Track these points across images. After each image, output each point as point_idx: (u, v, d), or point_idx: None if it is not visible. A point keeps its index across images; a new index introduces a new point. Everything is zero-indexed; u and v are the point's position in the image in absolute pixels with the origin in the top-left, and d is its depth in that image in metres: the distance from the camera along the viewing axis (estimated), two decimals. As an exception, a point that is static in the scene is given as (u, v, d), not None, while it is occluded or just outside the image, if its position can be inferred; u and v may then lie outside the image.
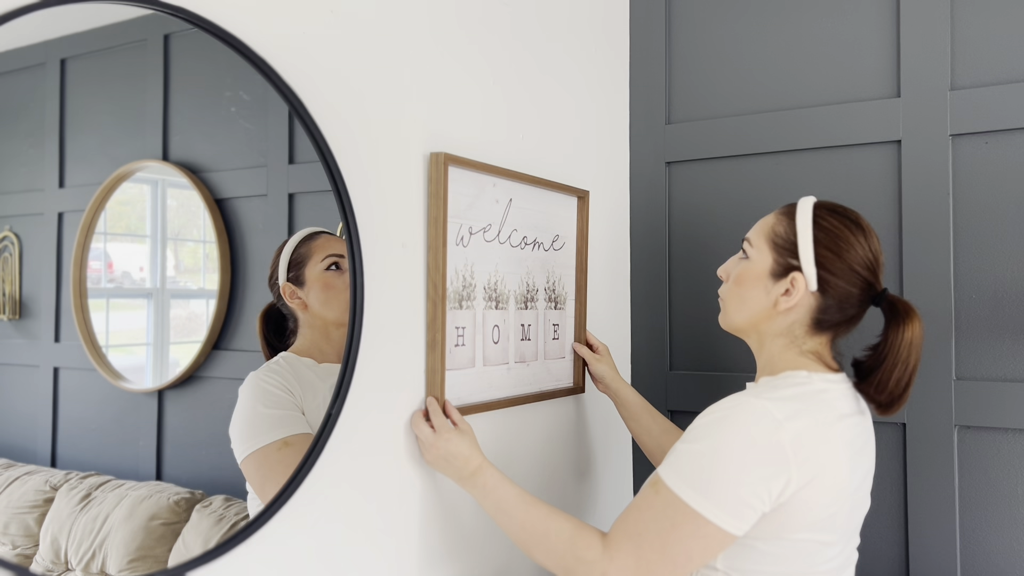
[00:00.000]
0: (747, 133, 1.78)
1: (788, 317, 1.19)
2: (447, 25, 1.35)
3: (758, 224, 1.26)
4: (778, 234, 1.20)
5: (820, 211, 1.19)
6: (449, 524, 1.34)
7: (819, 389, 1.14)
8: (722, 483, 1.05)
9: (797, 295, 1.17)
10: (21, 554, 0.90)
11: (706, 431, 1.09)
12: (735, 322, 1.26)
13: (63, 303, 0.93)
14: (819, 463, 1.07)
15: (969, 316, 1.58)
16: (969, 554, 1.58)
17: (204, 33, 0.96)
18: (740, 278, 1.23)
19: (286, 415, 1.04)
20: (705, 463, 1.06)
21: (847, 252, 1.16)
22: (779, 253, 1.19)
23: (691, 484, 1.06)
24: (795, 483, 1.05)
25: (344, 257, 1.12)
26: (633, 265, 1.92)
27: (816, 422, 1.09)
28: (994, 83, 1.57)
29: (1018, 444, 1.54)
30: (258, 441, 1.02)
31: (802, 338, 1.19)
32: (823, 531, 1.10)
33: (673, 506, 1.06)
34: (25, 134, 0.90)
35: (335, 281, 1.11)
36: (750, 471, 1.05)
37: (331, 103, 1.13)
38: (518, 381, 1.50)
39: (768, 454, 1.05)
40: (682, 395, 1.85)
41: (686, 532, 1.05)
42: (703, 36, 1.85)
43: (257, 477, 1.02)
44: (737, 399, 1.11)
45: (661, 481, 1.08)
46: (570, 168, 1.68)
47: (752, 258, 1.22)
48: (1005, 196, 1.56)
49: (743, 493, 1.05)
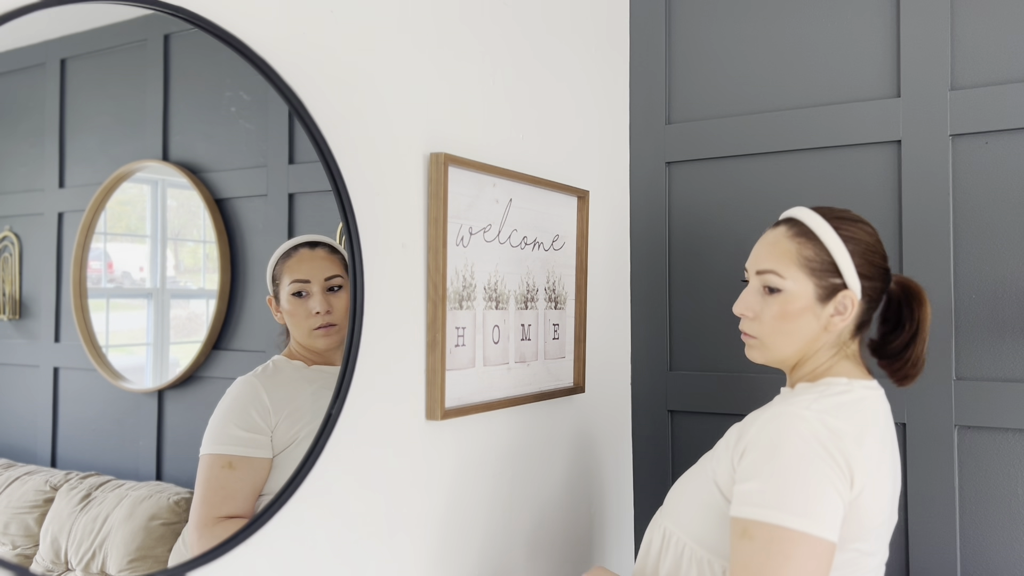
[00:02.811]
0: (747, 133, 1.78)
1: (835, 330, 1.18)
2: (447, 25, 1.35)
3: (771, 251, 1.19)
4: (810, 258, 1.16)
5: (835, 222, 1.18)
6: (449, 523, 1.34)
7: (860, 397, 1.14)
8: (812, 497, 1.02)
9: (850, 312, 1.16)
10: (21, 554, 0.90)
11: (766, 460, 1.05)
12: (783, 356, 1.20)
13: (63, 303, 0.92)
14: (870, 471, 1.07)
15: (969, 316, 1.58)
16: (969, 554, 1.58)
17: (204, 33, 0.96)
18: (784, 313, 1.17)
19: (243, 436, 1.04)
20: (784, 486, 1.03)
21: (870, 252, 1.17)
22: (819, 277, 1.16)
23: (786, 510, 1.02)
24: (856, 490, 1.05)
25: (310, 282, 1.11)
26: (633, 265, 1.92)
27: (865, 431, 1.08)
28: (994, 83, 1.57)
29: (1018, 444, 1.54)
30: (210, 447, 1.02)
31: (848, 343, 1.20)
32: (868, 540, 1.10)
33: (779, 539, 1.01)
34: (25, 134, 0.90)
35: (298, 308, 1.10)
36: (825, 480, 1.03)
37: (331, 103, 1.13)
38: (518, 381, 1.50)
39: (833, 462, 1.04)
40: (682, 395, 1.85)
41: (801, 558, 1.01)
42: (703, 36, 1.85)
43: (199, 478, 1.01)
44: (785, 409, 1.08)
45: (753, 523, 1.03)
46: (570, 168, 1.68)
47: (788, 289, 1.16)
48: (1005, 196, 1.56)
49: (827, 500, 1.03)
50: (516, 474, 1.50)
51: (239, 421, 1.03)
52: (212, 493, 1.00)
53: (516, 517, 1.51)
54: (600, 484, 1.79)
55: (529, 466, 1.54)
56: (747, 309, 1.21)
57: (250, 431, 1.04)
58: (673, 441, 1.87)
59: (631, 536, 1.90)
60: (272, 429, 1.05)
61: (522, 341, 1.51)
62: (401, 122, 1.25)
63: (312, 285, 1.11)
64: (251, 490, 1.04)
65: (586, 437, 1.74)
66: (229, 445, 1.03)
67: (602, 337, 1.79)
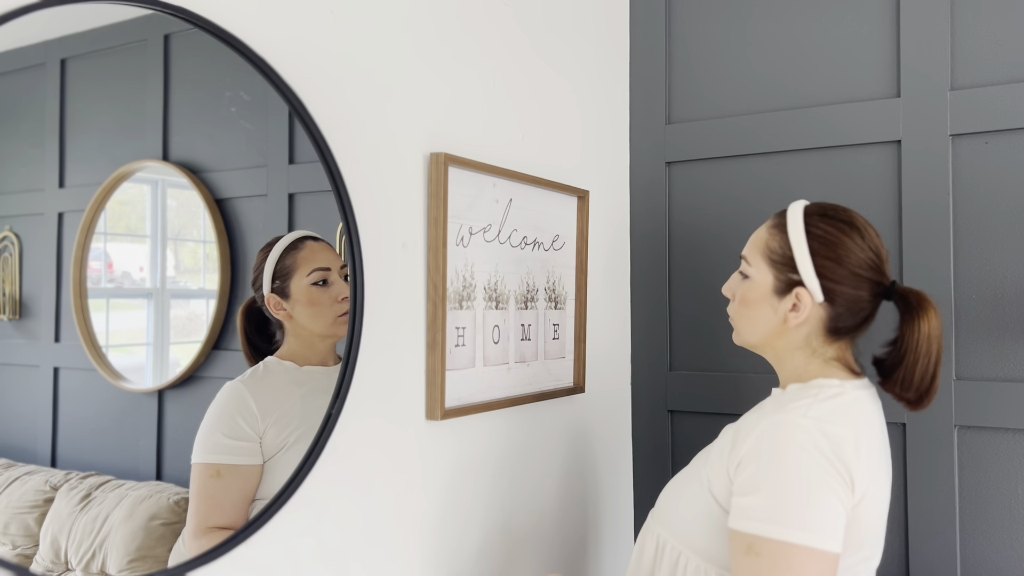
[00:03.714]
0: (747, 133, 1.78)
1: (801, 330, 1.15)
2: (448, 26, 1.35)
3: (752, 239, 1.21)
4: (773, 250, 1.16)
5: (811, 218, 1.15)
6: (449, 523, 1.34)
7: (854, 399, 1.11)
8: (815, 509, 1.01)
9: (805, 310, 1.12)
10: (21, 554, 0.90)
11: (766, 473, 1.04)
12: (748, 340, 1.21)
13: (63, 303, 0.92)
14: (871, 476, 1.06)
15: (969, 316, 1.58)
16: (969, 554, 1.58)
17: (204, 33, 0.96)
18: (744, 299, 1.19)
19: (230, 444, 1.03)
20: (787, 500, 1.02)
21: (846, 257, 1.12)
22: (778, 269, 1.15)
23: (790, 525, 1.00)
24: (857, 495, 1.04)
25: (331, 270, 1.10)
26: (633, 265, 1.92)
27: (860, 433, 1.07)
28: (994, 83, 1.57)
29: (1018, 444, 1.54)
30: (199, 456, 1.01)
31: (822, 348, 1.15)
32: (864, 547, 1.09)
33: (785, 555, 1.00)
34: (25, 134, 0.90)
35: (321, 297, 1.10)
36: (827, 489, 1.02)
37: (331, 103, 1.13)
38: (518, 381, 1.50)
39: (834, 470, 1.02)
40: (682, 395, 1.85)
41: (808, 573, 1.00)
42: (703, 36, 1.85)
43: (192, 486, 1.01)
44: (776, 424, 1.06)
45: (758, 539, 1.02)
46: (570, 168, 1.68)
47: (752, 277, 1.18)
48: (1005, 196, 1.56)
49: (831, 511, 1.02)
50: (516, 474, 1.50)
51: (225, 429, 1.02)
52: (202, 503, 0.99)
53: (516, 517, 1.51)
54: (600, 484, 1.79)
55: (529, 466, 1.54)
56: (728, 291, 1.25)
57: (237, 439, 1.03)
58: (673, 441, 1.87)
59: (630, 536, 1.90)
60: (261, 435, 1.05)
61: (522, 341, 1.51)
62: (401, 122, 1.25)
63: (332, 273, 1.11)
64: (240, 498, 1.04)
65: (586, 437, 1.74)
66: (216, 454, 1.02)
67: (602, 337, 1.79)
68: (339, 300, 1.12)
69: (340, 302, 1.12)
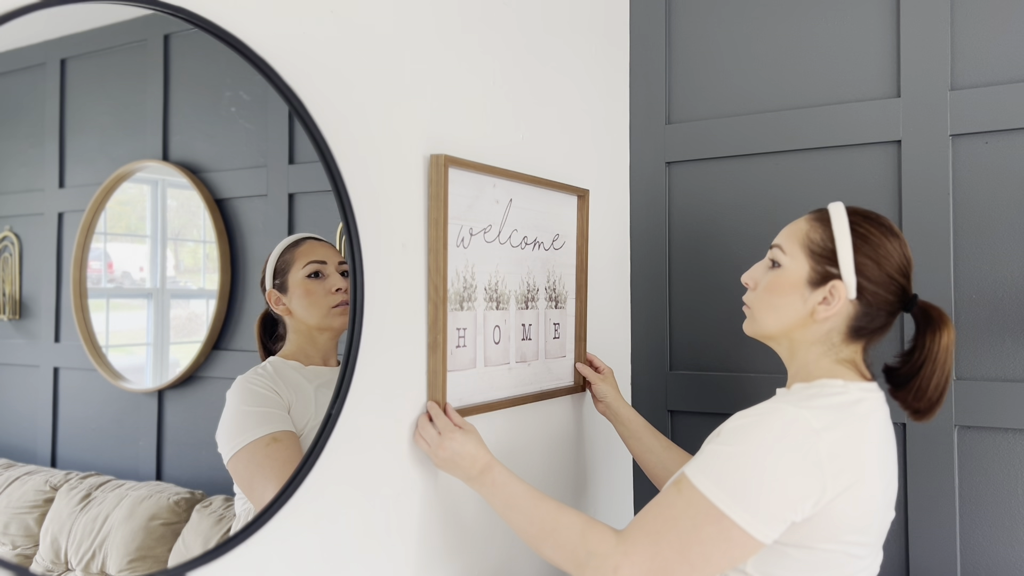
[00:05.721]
0: (747, 133, 1.78)
1: (825, 325, 1.16)
2: (448, 26, 1.35)
3: (788, 229, 1.22)
4: (814, 241, 1.17)
5: (856, 217, 1.17)
6: (450, 523, 1.34)
7: (856, 399, 1.12)
8: (755, 488, 1.03)
9: (837, 304, 1.14)
10: (21, 554, 0.90)
11: (739, 435, 1.07)
12: (766, 330, 1.22)
13: (63, 303, 0.92)
14: (853, 475, 1.06)
15: (969, 316, 1.58)
16: (969, 554, 1.58)
17: (204, 33, 0.96)
18: (773, 286, 1.19)
19: (272, 412, 1.04)
20: (737, 466, 1.04)
21: (885, 259, 1.14)
22: (816, 261, 1.16)
23: (721, 486, 1.03)
24: (829, 494, 1.04)
25: (326, 263, 1.12)
26: (633, 265, 1.92)
27: (852, 433, 1.07)
28: (994, 83, 1.57)
29: (1018, 444, 1.54)
30: (245, 437, 1.01)
31: (839, 346, 1.17)
32: (853, 543, 1.09)
33: (698, 506, 1.04)
34: (25, 134, 0.90)
35: (315, 288, 1.11)
36: (784, 479, 1.03)
37: (331, 103, 1.13)
38: (519, 381, 1.50)
39: (803, 463, 1.03)
40: (682, 395, 1.85)
41: (709, 534, 1.03)
42: (703, 36, 1.85)
43: (245, 474, 1.01)
44: (772, 405, 1.09)
45: (687, 480, 1.06)
46: (570, 168, 1.68)
47: (786, 266, 1.19)
48: (1005, 196, 1.56)
49: (775, 500, 1.03)
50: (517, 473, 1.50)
51: (259, 403, 1.03)
52: (268, 471, 1.01)
53: (516, 517, 1.51)
54: (600, 483, 1.79)
55: (530, 466, 1.54)
56: (749, 279, 1.25)
57: (280, 408, 1.04)
58: (673, 441, 1.87)
59: (631, 536, 1.90)
60: (288, 407, 1.06)
61: (523, 341, 1.51)
62: (401, 122, 1.25)
63: (328, 266, 1.12)
64: (293, 468, 1.06)
65: (587, 436, 1.74)
66: (267, 424, 1.03)
67: (602, 337, 1.79)
68: (333, 291, 1.13)
69: (334, 293, 1.13)
